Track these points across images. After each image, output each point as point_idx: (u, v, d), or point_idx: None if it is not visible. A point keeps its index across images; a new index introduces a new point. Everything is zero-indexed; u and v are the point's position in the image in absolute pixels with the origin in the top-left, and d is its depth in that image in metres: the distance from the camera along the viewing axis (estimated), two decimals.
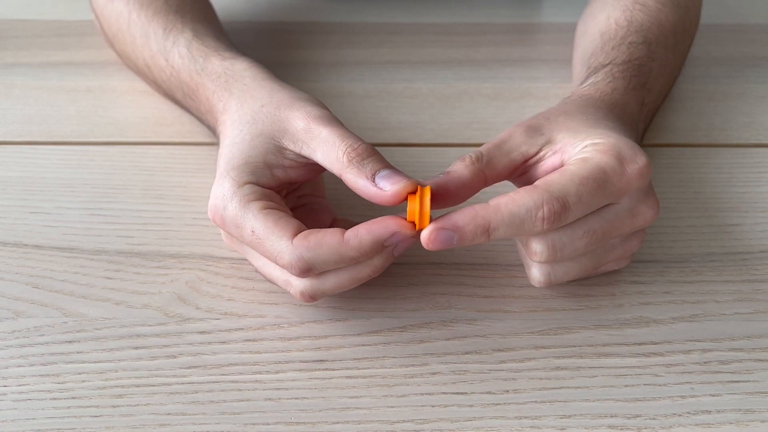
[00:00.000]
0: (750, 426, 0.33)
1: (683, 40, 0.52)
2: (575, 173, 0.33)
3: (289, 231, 0.34)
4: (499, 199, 0.33)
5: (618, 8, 0.50)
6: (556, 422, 0.34)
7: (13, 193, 0.46)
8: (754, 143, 0.51)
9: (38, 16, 0.65)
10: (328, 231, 0.34)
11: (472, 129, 0.52)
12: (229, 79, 0.42)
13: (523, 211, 0.32)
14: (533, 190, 0.33)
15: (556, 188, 0.33)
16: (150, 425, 0.33)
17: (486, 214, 0.33)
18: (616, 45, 0.47)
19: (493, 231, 0.33)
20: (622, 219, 0.35)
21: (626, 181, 0.34)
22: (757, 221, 0.44)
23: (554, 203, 0.32)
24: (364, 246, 0.33)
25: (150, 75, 0.51)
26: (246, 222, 0.35)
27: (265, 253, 0.35)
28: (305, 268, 0.34)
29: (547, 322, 0.38)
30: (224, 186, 0.36)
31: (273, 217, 0.35)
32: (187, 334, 0.37)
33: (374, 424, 0.33)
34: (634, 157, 0.35)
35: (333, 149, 0.35)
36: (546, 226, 0.33)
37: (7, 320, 0.38)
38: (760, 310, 0.39)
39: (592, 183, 0.33)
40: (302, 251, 0.33)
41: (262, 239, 0.34)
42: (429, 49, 0.61)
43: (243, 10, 0.66)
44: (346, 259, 0.34)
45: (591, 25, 0.52)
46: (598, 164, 0.34)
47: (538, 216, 0.32)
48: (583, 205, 0.33)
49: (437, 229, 0.32)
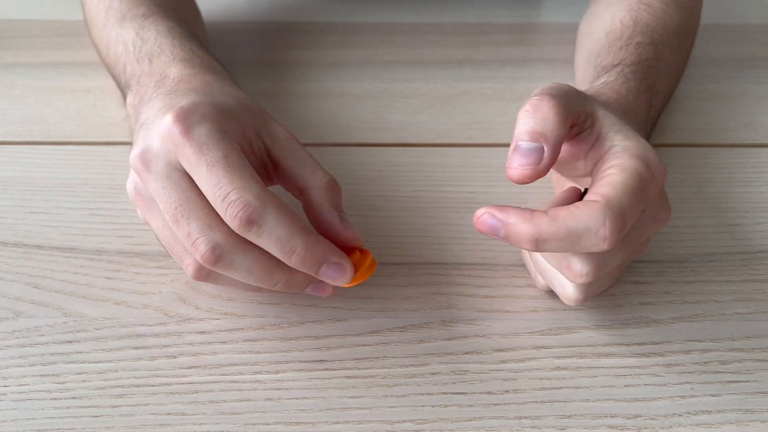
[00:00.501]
0: (750, 426, 0.33)
1: (686, 41, 0.52)
2: (625, 184, 0.32)
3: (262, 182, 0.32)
4: (556, 210, 0.31)
5: (623, 8, 0.50)
6: (556, 422, 0.34)
7: (13, 193, 0.46)
8: (753, 143, 0.51)
9: (38, 16, 0.65)
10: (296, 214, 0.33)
11: (472, 129, 0.52)
12: (206, 63, 0.41)
13: (583, 227, 0.31)
14: (594, 206, 0.31)
15: (615, 204, 0.31)
16: (150, 425, 0.33)
17: (540, 221, 0.31)
18: (623, 45, 0.46)
19: (543, 242, 0.31)
20: (647, 225, 0.34)
21: (656, 189, 0.33)
22: (757, 221, 0.44)
23: (617, 220, 0.31)
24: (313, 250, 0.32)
25: (107, 53, 0.49)
26: (221, 146, 0.32)
27: (222, 182, 0.31)
28: (255, 218, 0.31)
29: (547, 322, 0.38)
30: (206, 108, 0.33)
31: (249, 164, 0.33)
32: (187, 334, 0.37)
33: (374, 424, 0.33)
34: (658, 164, 0.34)
35: (311, 167, 0.36)
36: (607, 245, 0.31)
37: (7, 320, 0.38)
38: (760, 310, 0.39)
39: (638, 193, 0.32)
40: (268, 203, 0.31)
41: (234, 167, 0.32)
42: (429, 49, 0.61)
43: (243, 10, 0.66)
44: (287, 246, 0.32)
45: (595, 25, 0.52)
46: (637, 172, 0.32)
47: (599, 234, 0.31)
48: (634, 215, 0.32)
49: (490, 214, 0.31)
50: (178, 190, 0.33)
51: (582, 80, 0.49)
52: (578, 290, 0.35)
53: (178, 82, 0.38)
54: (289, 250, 0.32)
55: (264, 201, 0.31)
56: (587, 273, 0.33)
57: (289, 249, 0.32)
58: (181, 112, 0.33)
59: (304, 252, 0.32)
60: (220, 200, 0.31)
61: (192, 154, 0.32)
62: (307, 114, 0.53)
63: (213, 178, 0.32)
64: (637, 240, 0.34)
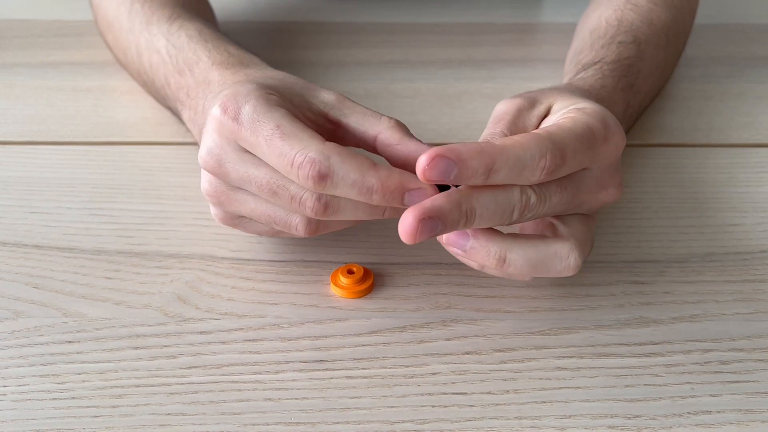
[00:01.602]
0: (750, 426, 0.33)
1: (676, 40, 0.52)
2: (571, 129, 0.33)
3: (320, 137, 0.33)
4: (504, 140, 0.32)
5: (610, 8, 0.51)
6: (556, 422, 0.33)
7: (13, 193, 0.46)
8: (753, 143, 0.51)
9: (38, 16, 0.65)
10: (361, 153, 0.33)
11: (472, 129, 0.52)
12: (244, 60, 0.41)
13: (528, 156, 0.31)
14: (538, 138, 0.32)
15: (558, 139, 0.32)
16: (150, 425, 0.33)
17: (492, 152, 0.31)
18: (605, 43, 0.47)
19: (494, 173, 0.31)
20: (588, 186, 0.35)
21: (606, 149, 0.34)
22: (757, 221, 0.44)
23: (557, 153, 0.31)
24: (389, 182, 0.32)
25: (140, 60, 0.49)
26: (270, 117, 0.33)
27: (284, 150, 0.32)
28: (325, 171, 0.32)
29: (547, 322, 0.38)
30: (246, 86, 0.34)
31: (303, 124, 0.33)
32: (187, 334, 0.37)
33: (374, 424, 0.33)
34: (617, 128, 0.34)
35: (374, 116, 0.36)
36: (544, 176, 0.32)
37: (7, 320, 0.38)
38: (760, 310, 0.39)
39: (584, 141, 0.33)
40: (333, 153, 0.32)
41: (288, 134, 0.32)
42: (429, 49, 0.61)
43: (243, 10, 0.66)
44: (364, 186, 0.32)
45: (584, 24, 0.52)
46: (588, 124, 0.33)
47: (540, 164, 0.31)
48: (575, 162, 0.33)
49: (439, 156, 0.30)
50: (260, 168, 0.34)
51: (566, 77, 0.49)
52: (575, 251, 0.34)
53: (222, 84, 0.39)
54: (367, 189, 0.32)
55: (326, 153, 0.32)
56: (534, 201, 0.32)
57: (367, 189, 0.32)
58: (226, 100, 0.34)
59: (381, 187, 0.32)
60: (288, 168, 0.32)
61: (249, 135, 0.33)
62: None
63: (275, 150, 0.32)
64: (575, 196, 0.34)
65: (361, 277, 0.39)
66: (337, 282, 0.39)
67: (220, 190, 0.36)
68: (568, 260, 0.34)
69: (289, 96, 0.36)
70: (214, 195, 0.36)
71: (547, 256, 0.34)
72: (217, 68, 0.41)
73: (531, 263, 0.34)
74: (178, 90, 0.44)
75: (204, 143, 0.35)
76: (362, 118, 0.36)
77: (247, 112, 0.33)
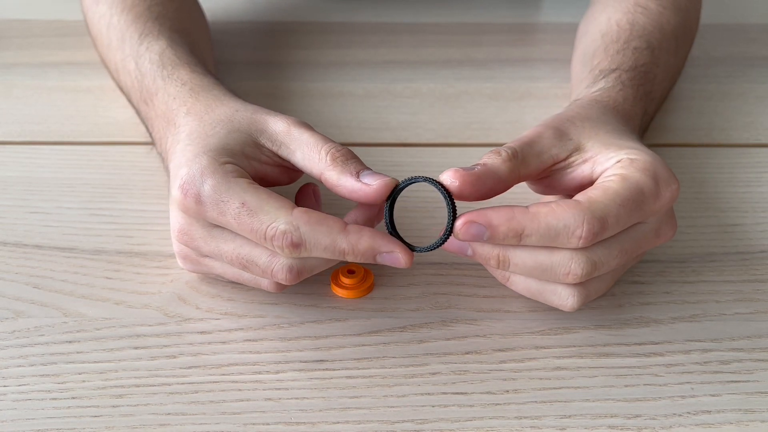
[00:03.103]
0: (750, 426, 0.33)
1: (684, 44, 0.52)
2: (618, 193, 0.33)
3: (288, 204, 0.34)
4: (538, 207, 0.33)
5: (619, 10, 0.50)
6: (556, 422, 0.33)
7: (13, 193, 0.46)
8: (754, 143, 0.51)
9: (38, 16, 0.65)
10: (329, 215, 0.34)
11: (472, 129, 0.52)
12: (196, 87, 0.41)
13: (561, 225, 0.32)
14: (575, 207, 0.32)
15: (598, 208, 0.32)
16: (150, 425, 0.33)
17: (523, 218, 0.32)
18: (620, 49, 0.46)
19: (525, 237, 0.32)
20: (648, 238, 0.35)
21: (660, 204, 0.34)
22: (758, 221, 0.44)
23: (595, 223, 0.32)
24: (359, 246, 0.33)
25: (118, 78, 0.50)
26: (233, 195, 0.33)
27: (254, 226, 0.33)
28: (297, 242, 0.33)
29: (547, 322, 0.38)
30: (201, 162, 0.34)
31: (266, 191, 0.34)
32: (187, 334, 0.37)
33: (374, 424, 0.33)
34: (669, 180, 0.34)
35: (315, 150, 0.36)
36: (581, 244, 0.32)
37: (7, 320, 0.38)
38: (760, 310, 0.39)
39: (631, 204, 0.33)
40: (301, 223, 0.33)
41: (255, 210, 0.33)
42: (429, 49, 0.61)
43: (243, 10, 0.66)
44: (336, 250, 0.33)
45: (591, 26, 0.52)
46: (638, 184, 0.33)
47: (575, 234, 0.32)
48: (619, 225, 0.33)
49: (470, 222, 0.32)
50: (228, 243, 0.35)
51: (577, 81, 0.49)
52: (576, 295, 0.35)
53: (178, 127, 0.39)
54: (339, 253, 0.33)
55: (295, 224, 0.33)
56: (582, 271, 0.33)
57: (339, 252, 0.33)
58: (184, 184, 0.34)
59: (352, 250, 0.33)
60: (262, 241, 0.33)
61: (216, 216, 0.34)
62: (307, 114, 0.53)
63: (245, 228, 0.33)
64: (635, 250, 0.35)
65: (361, 277, 0.39)
66: (338, 282, 0.39)
67: (191, 257, 0.37)
68: (566, 300, 0.36)
69: (241, 149, 0.36)
70: (186, 259, 0.38)
71: (546, 291, 0.36)
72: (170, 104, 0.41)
73: (530, 291, 0.36)
74: (146, 118, 0.45)
75: (173, 220, 0.36)
76: (305, 157, 0.36)
77: (208, 193, 0.34)
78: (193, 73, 0.42)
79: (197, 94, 0.40)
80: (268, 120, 0.37)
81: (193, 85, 0.41)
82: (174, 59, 0.44)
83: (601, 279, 0.36)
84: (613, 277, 0.37)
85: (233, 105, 0.39)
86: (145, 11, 0.49)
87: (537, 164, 0.36)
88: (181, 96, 0.41)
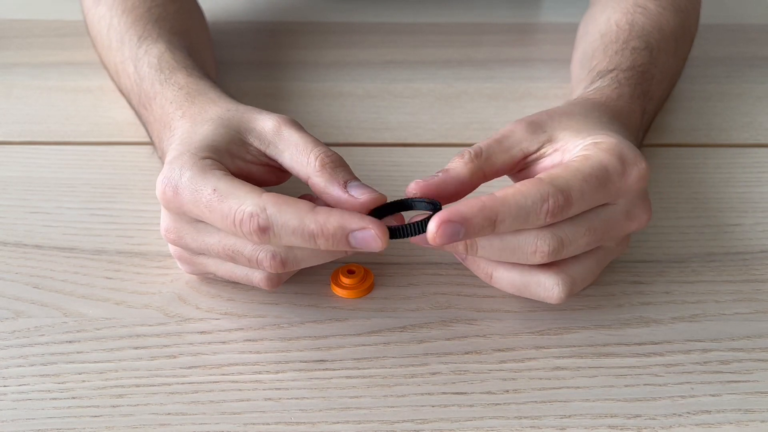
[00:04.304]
0: (750, 426, 0.33)
1: (683, 45, 0.52)
2: (578, 169, 0.33)
3: (259, 190, 0.33)
4: (505, 190, 0.33)
5: (618, 10, 0.50)
6: (556, 422, 0.34)
7: (13, 193, 0.46)
8: (753, 143, 0.51)
9: (38, 16, 0.65)
10: (299, 199, 0.33)
11: (472, 129, 0.52)
12: (191, 91, 0.41)
13: (530, 203, 0.32)
14: (538, 183, 0.33)
15: (560, 182, 0.33)
16: (150, 425, 0.33)
17: (494, 205, 0.32)
18: (618, 49, 0.46)
19: (500, 223, 0.32)
20: (618, 220, 0.35)
21: (626, 182, 0.34)
22: (757, 221, 0.44)
23: (558, 196, 0.32)
24: (328, 225, 0.32)
25: (117, 80, 0.50)
26: (206, 183, 0.33)
27: (224, 211, 0.33)
28: (264, 224, 0.32)
29: (547, 322, 0.38)
30: (182, 159, 0.35)
31: (240, 181, 0.34)
32: (187, 334, 0.37)
33: (374, 424, 0.33)
34: (635, 160, 0.35)
35: (303, 153, 0.36)
36: (549, 218, 0.32)
37: (7, 320, 0.38)
38: (760, 310, 0.39)
39: (594, 180, 0.33)
40: (269, 204, 0.32)
41: (225, 195, 0.33)
42: (429, 49, 0.61)
43: (243, 10, 0.66)
44: (305, 232, 0.32)
45: (591, 27, 0.52)
46: (600, 162, 0.34)
47: (543, 208, 0.32)
48: (584, 201, 0.33)
49: (444, 222, 0.31)
50: (213, 235, 0.35)
51: (576, 82, 0.49)
52: (562, 283, 0.35)
53: (173, 131, 0.39)
54: (309, 235, 0.32)
55: (262, 205, 0.32)
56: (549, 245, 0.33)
57: (309, 234, 0.32)
58: (164, 179, 0.35)
59: (321, 231, 0.32)
60: (233, 227, 0.33)
61: (192, 207, 0.34)
62: (306, 114, 0.53)
63: (217, 214, 0.33)
64: (605, 230, 0.35)
65: (361, 277, 0.39)
66: (338, 282, 0.39)
67: (185, 256, 0.38)
68: (551, 291, 0.36)
69: (226, 146, 0.36)
70: (180, 258, 0.38)
71: (531, 283, 0.36)
72: (167, 108, 0.41)
73: (515, 286, 0.36)
74: (145, 122, 0.45)
75: (161, 220, 0.36)
76: (294, 158, 0.36)
77: (185, 184, 0.34)
78: (190, 77, 0.43)
79: (193, 98, 0.40)
80: (258, 118, 0.37)
81: (190, 89, 0.41)
82: (172, 63, 0.44)
83: (581, 264, 0.36)
84: (598, 263, 0.37)
85: (226, 105, 0.39)
86: (145, 13, 0.49)
87: (505, 159, 0.36)
88: (177, 100, 0.41)
